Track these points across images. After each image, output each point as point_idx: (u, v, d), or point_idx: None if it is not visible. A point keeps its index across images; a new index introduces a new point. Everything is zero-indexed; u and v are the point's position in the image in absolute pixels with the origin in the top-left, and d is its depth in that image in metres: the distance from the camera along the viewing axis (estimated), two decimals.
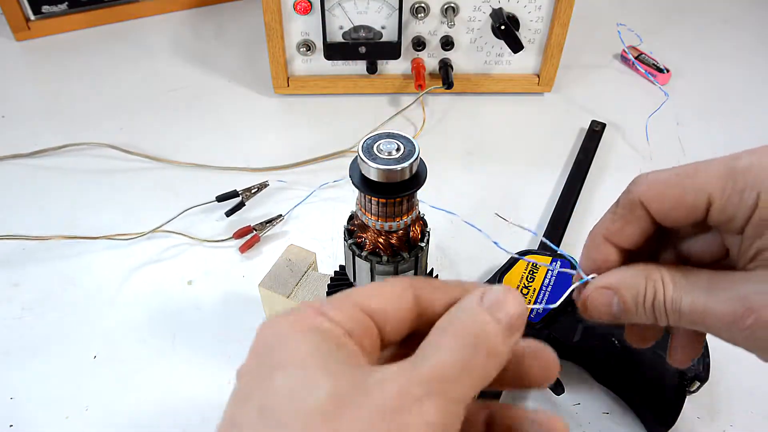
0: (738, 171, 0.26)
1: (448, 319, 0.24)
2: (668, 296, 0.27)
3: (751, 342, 0.25)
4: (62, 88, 0.76)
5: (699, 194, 0.26)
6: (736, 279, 0.25)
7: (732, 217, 0.26)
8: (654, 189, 0.28)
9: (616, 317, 0.29)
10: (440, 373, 0.22)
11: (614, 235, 0.30)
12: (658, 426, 0.43)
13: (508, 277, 0.49)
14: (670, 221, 0.28)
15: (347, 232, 0.34)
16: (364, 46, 0.68)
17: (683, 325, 0.27)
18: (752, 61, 0.82)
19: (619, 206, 0.30)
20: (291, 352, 0.22)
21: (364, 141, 0.30)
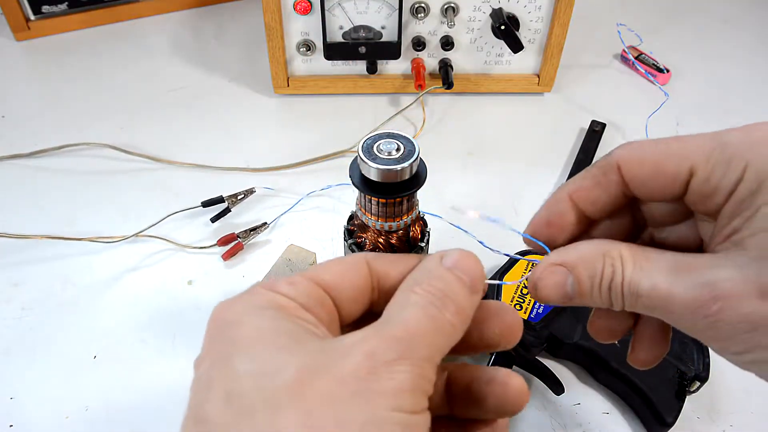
0: (726, 141, 0.24)
1: (413, 279, 0.24)
2: (627, 277, 0.25)
3: (712, 332, 0.23)
4: (62, 88, 0.76)
5: (682, 162, 0.25)
6: (704, 263, 0.23)
7: (714, 189, 0.24)
8: (635, 153, 0.26)
9: (569, 299, 0.27)
10: (409, 333, 0.21)
11: (579, 193, 0.28)
12: (658, 426, 0.43)
13: (508, 277, 0.49)
14: (645, 192, 0.26)
15: (347, 232, 0.34)
16: (364, 46, 0.68)
17: (639, 310, 0.25)
18: (752, 61, 0.82)
19: (594, 167, 0.28)
20: (249, 332, 0.22)
21: (364, 141, 0.30)
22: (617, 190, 0.27)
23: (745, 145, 0.23)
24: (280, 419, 0.19)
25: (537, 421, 0.46)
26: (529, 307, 0.47)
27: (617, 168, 0.27)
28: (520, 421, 0.46)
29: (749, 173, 0.23)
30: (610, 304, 0.26)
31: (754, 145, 0.23)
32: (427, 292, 0.23)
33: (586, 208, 0.28)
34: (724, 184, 0.24)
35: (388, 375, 0.20)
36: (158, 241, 0.57)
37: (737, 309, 0.22)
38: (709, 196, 0.24)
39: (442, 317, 0.22)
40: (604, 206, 0.28)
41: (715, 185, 0.24)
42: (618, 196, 0.27)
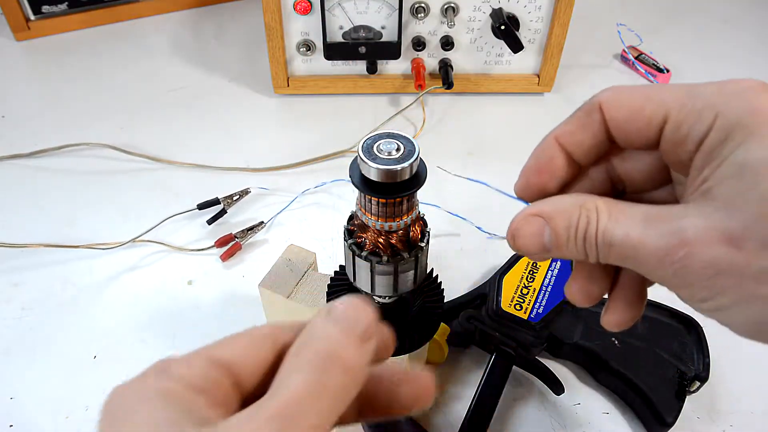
0: (700, 92, 0.24)
1: (297, 345, 0.23)
2: (601, 226, 0.25)
3: (679, 278, 0.23)
4: (62, 88, 0.76)
5: (658, 107, 0.25)
6: (673, 212, 0.24)
7: (685, 138, 0.24)
8: (616, 95, 0.27)
9: (546, 249, 0.27)
10: (289, 406, 0.20)
11: (565, 136, 0.28)
12: (658, 426, 0.43)
13: (509, 277, 0.49)
14: (623, 134, 0.27)
15: (347, 232, 0.34)
16: (364, 46, 0.68)
17: (612, 261, 0.25)
18: (752, 61, 0.82)
19: (578, 109, 0.28)
20: (133, 426, 0.22)
21: (364, 141, 0.30)
22: (600, 131, 0.28)
23: (717, 96, 0.24)
24: None
25: (537, 421, 0.46)
26: (529, 307, 0.47)
27: (599, 108, 0.27)
28: (520, 421, 0.46)
29: (718, 123, 0.23)
30: (585, 255, 0.26)
31: (725, 97, 0.24)
32: (310, 354, 0.22)
33: (573, 151, 0.29)
34: (694, 132, 0.24)
35: None
36: (156, 245, 0.57)
37: (702, 255, 0.22)
38: (681, 144, 0.25)
39: (327, 380, 0.22)
40: (590, 148, 0.28)
41: (686, 133, 0.24)
42: (601, 138, 0.28)
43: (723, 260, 0.22)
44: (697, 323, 0.47)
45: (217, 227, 0.59)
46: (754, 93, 0.23)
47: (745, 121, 0.23)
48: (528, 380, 0.48)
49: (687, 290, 0.24)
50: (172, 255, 0.57)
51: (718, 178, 0.23)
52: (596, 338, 0.47)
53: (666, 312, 0.48)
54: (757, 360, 0.49)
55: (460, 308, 0.49)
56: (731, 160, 0.22)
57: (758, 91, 0.23)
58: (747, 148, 0.22)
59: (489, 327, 0.46)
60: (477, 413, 0.43)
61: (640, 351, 0.46)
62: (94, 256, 0.56)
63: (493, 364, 0.46)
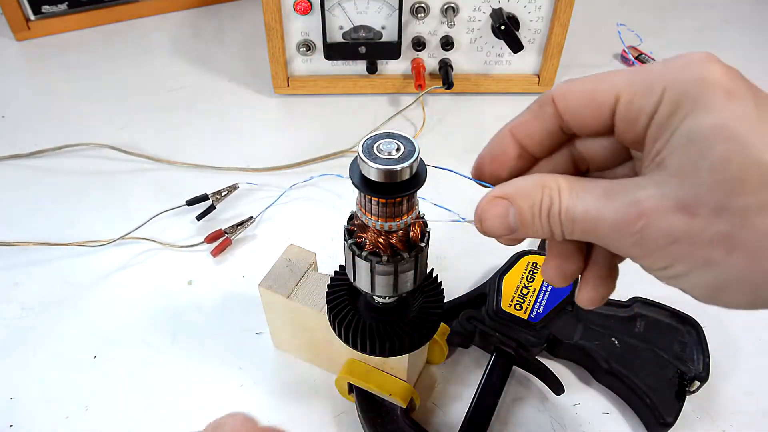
0: (648, 69, 0.25)
1: None
2: (564, 204, 0.26)
3: (639, 248, 0.24)
4: (62, 88, 0.76)
5: (608, 89, 0.26)
6: (631, 185, 0.24)
7: (637, 113, 0.25)
8: (568, 86, 0.28)
9: (512, 230, 0.28)
10: None
11: (518, 127, 0.29)
12: (658, 426, 0.43)
13: (509, 277, 0.49)
14: (578, 122, 0.28)
15: (347, 232, 0.34)
16: (364, 46, 0.68)
17: (576, 236, 0.26)
18: (752, 61, 0.82)
19: (533, 102, 0.29)
20: None
21: (364, 141, 0.30)
22: (553, 123, 0.28)
23: (665, 70, 0.25)
24: None
25: (537, 421, 0.46)
26: (529, 307, 0.47)
27: (552, 101, 0.28)
28: (520, 420, 0.46)
29: (667, 96, 0.24)
30: (551, 233, 0.27)
31: (672, 70, 0.24)
32: None
33: (526, 142, 0.29)
34: (645, 107, 0.25)
35: None
36: (146, 242, 0.58)
37: (658, 224, 0.23)
38: (634, 121, 0.25)
39: None
40: (542, 140, 0.29)
41: (637, 109, 0.25)
42: (555, 130, 0.29)
43: (678, 228, 0.23)
44: (697, 323, 0.47)
45: (206, 223, 0.59)
46: (700, 63, 0.24)
47: (692, 91, 0.23)
48: (528, 380, 0.48)
49: (647, 260, 0.25)
50: (162, 252, 0.57)
51: (670, 150, 0.23)
52: (596, 338, 0.47)
53: (666, 312, 0.48)
54: (757, 360, 0.49)
55: (460, 308, 0.49)
56: (681, 130, 0.23)
57: (704, 62, 0.24)
58: (695, 117, 0.23)
59: (489, 327, 0.46)
60: (477, 413, 0.43)
61: (640, 351, 0.46)
62: (88, 253, 0.56)
63: (493, 364, 0.46)
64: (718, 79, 0.23)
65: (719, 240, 0.22)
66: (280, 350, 0.50)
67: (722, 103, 0.22)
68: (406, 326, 0.37)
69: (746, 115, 0.22)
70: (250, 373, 0.48)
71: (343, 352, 0.43)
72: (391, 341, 0.36)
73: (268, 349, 0.50)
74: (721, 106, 0.22)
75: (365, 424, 0.44)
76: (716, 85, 0.23)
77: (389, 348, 0.37)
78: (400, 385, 0.43)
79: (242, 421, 0.25)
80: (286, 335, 0.48)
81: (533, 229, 0.27)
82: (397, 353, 0.37)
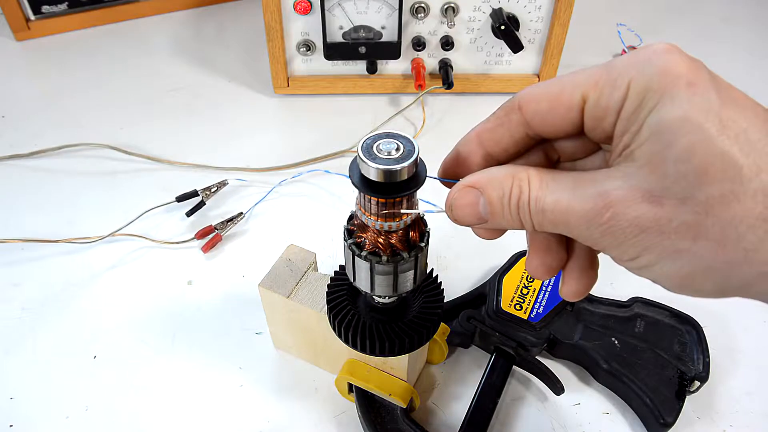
0: (612, 65, 0.25)
1: None
2: (533, 195, 0.26)
3: (608, 239, 0.24)
4: (62, 88, 0.76)
5: (574, 89, 0.26)
6: (600, 176, 0.25)
7: (605, 110, 0.25)
8: (533, 91, 0.28)
9: (482, 219, 0.28)
10: None
11: (484, 133, 0.30)
12: (658, 426, 0.43)
13: (509, 276, 0.49)
14: (546, 126, 0.28)
15: (347, 232, 0.34)
16: (364, 46, 0.68)
17: (547, 228, 0.26)
18: (752, 61, 0.82)
19: (499, 108, 0.30)
20: None
21: (363, 141, 0.30)
22: (519, 130, 0.29)
23: (628, 64, 0.25)
24: None
25: (537, 421, 0.46)
26: (529, 307, 0.47)
27: (518, 108, 0.28)
28: (520, 421, 0.46)
29: (632, 89, 0.24)
30: (521, 223, 0.27)
31: (636, 64, 0.24)
32: None
33: (491, 148, 0.30)
34: (611, 103, 0.25)
35: None
36: (137, 238, 0.58)
37: (626, 214, 0.23)
38: (602, 118, 0.26)
39: None
40: (508, 146, 0.29)
41: (604, 106, 0.25)
42: (521, 136, 0.29)
43: (646, 218, 0.23)
44: (697, 323, 0.47)
45: (197, 219, 0.60)
46: (663, 55, 0.24)
47: (656, 84, 0.23)
48: (528, 380, 0.48)
49: (617, 250, 0.25)
50: (153, 249, 0.57)
51: (637, 142, 0.24)
52: (596, 338, 0.47)
53: (666, 312, 0.48)
54: (757, 360, 0.49)
55: (460, 308, 0.49)
56: (648, 122, 0.23)
57: (666, 53, 0.24)
58: (660, 109, 0.23)
59: (489, 327, 0.46)
60: (477, 413, 0.43)
61: (640, 351, 0.46)
62: (78, 250, 0.57)
63: (493, 364, 0.46)
64: (680, 71, 0.23)
65: (685, 229, 0.22)
66: (280, 350, 0.50)
67: (685, 95, 0.23)
68: (406, 326, 0.37)
69: (708, 107, 0.22)
70: (250, 373, 0.48)
71: (343, 352, 0.43)
72: (391, 341, 0.36)
73: (268, 349, 0.50)
74: (684, 99, 0.23)
75: (365, 424, 0.44)
76: (679, 77, 0.23)
77: (389, 348, 0.37)
78: (400, 385, 0.43)
79: None
80: (286, 335, 0.48)
81: (503, 219, 0.28)
82: (397, 353, 0.37)
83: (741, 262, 0.22)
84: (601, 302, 0.49)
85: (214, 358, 0.49)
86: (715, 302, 0.27)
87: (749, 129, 0.22)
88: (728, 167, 0.22)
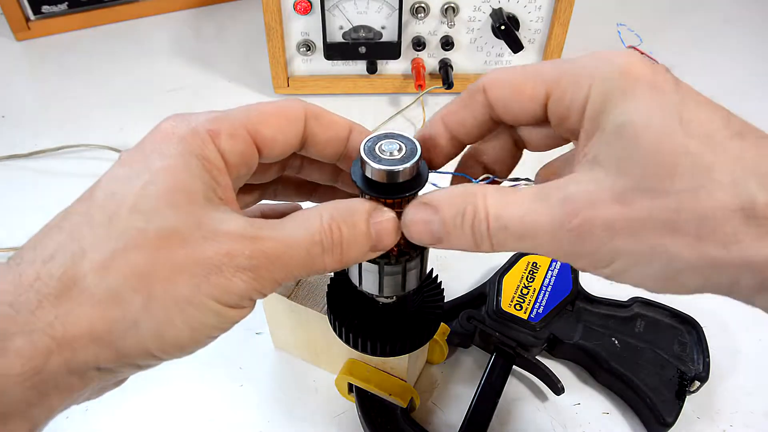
0: (576, 64, 0.25)
1: (331, 208, 0.26)
2: (492, 212, 0.25)
3: (578, 247, 0.23)
4: (62, 88, 0.76)
5: (538, 84, 0.26)
6: (563, 183, 0.24)
7: (567, 110, 0.25)
8: (498, 76, 0.28)
9: (437, 239, 0.27)
10: (277, 255, 0.24)
11: (449, 116, 0.30)
12: (658, 426, 0.43)
13: (509, 277, 0.49)
14: (508, 113, 0.28)
15: None
16: (364, 46, 0.68)
17: (509, 246, 0.25)
18: (752, 61, 0.82)
19: (464, 91, 0.29)
20: (162, 176, 0.24)
21: (365, 141, 0.30)
22: (483, 113, 0.29)
23: (590, 66, 0.25)
24: (120, 244, 0.23)
25: (537, 421, 0.46)
26: (529, 307, 0.47)
27: (483, 91, 0.28)
28: (520, 421, 0.46)
29: (594, 91, 0.24)
30: (476, 244, 0.26)
31: (597, 65, 0.24)
32: (329, 230, 0.25)
33: (456, 130, 0.30)
34: (574, 104, 0.25)
35: (229, 275, 0.23)
36: None
37: (597, 219, 0.23)
38: (565, 117, 0.26)
39: (321, 259, 0.25)
40: (472, 129, 0.29)
41: (567, 106, 0.25)
42: (485, 118, 0.29)
43: (618, 220, 0.22)
44: (697, 323, 0.47)
45: None
46: (622, 57, 0.24)
47: (617, 85, 0.23)
48: (528, 380, 0.48)
49: (588, 259, 0.24)
50: None
51: (601, 144, 0.23)
52: (596, 338, 0.47)
53: (666, 312, 0.48)
54: (757, 360, 0.49)
55: (460, 308, 0.49)
56: (611, 124, 0.23)
57: (626, 54, 0.24)
58: (623, 111, 0.23)
59: (489, 327, 0.46)
60: (477, 413, 0.43)
61: (640, 351, 0.46)
62: None
63: (493, 364, 0.46)
64: (641, 72, 0.23)
65: (660, 227, 0.22)
66: (280, 350, 0.50)
67: (648, 95, 0.23)
68: (406, 326, 0.37)
69: (670, 107, 0.22)
70: (250, 372, 0.48)
71: (343, 352, 0.43)
72: (391, 341, 0.36)
73: (268, 349, 0.50)
74: (646, 100, 0.23)
75: (365, 424, 0.44)
76: (640, 78, 0.23)
77: (389, 348, 0.37)
78: (400, 385, 0.43)
79: (393, 228, 0.28)
80: (286, 335, 0.48)
81: (458, 240, 0.26)
82: (397, 353, 0.37)
83: (722, 256, 0.21)
84: (601, 302, 0.49)
85: (214, 358, 0.49)
86: (716, 302, 0.26)
87: (711, 127, 0.22)
88: (696, 162, 0.21)
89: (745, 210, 0.21)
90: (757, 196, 0.21)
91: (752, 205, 0.21)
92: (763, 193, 0.21)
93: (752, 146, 0.22)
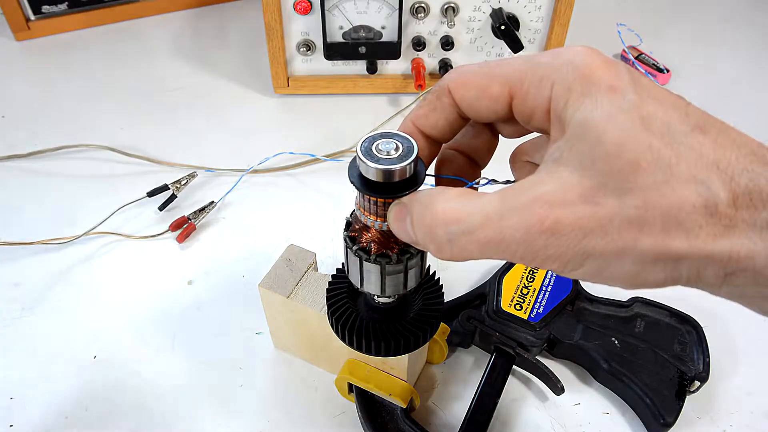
0: (537, 63, 0.25)
1: None
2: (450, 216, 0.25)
3: (551, 250, 0.23)
4: (62, 89, 0.76)
5: (502, 84, 0.26)
6: (529, 185, 0.24)
7: (532, 110, 0.25)
8: (461, 76, 0.28)
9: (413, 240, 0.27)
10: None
11: (419, 119, 0.30)
12: (658, 426, 0.43)
13: (508, 277, 0.49)
14: (475, 112, 0.28)
15: (349, 240, 0.33)
16: (364, 46, 0.68)
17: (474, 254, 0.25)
18: (752, 61, 0.82)
19: (430, 93, 0.30)
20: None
21: (362, 141, 0.30)
22: (452, 112, 0.29)
23: (551, 66, 0.25)
24: None
25: (537, 421, 0.46)
26: (529, 307, 0.47)
27: (448, 91, 0.28)
28: (520, 421, 0.46)
29: (555, 92, 0.24)
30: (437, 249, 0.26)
31: (561, 65, 0.24)
32: None
33: (429, 132, 0.30)
34: (538, 104, 0.25)
35: None
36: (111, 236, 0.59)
37: (567, 219, 0.22)
38: (531, 117, 0.26)
39: None
40: (444, 129, 0.30)
41: (531, 106, 0.25)
42: (455, 117, 0.29)
43: (587, 220, 0.22)
44: (697, 323, 0.47)
45: (168, 213, 0.61)
46: (582, 57, 0.24)
47: (577, 85, 0.23)
48: (528, 380, 0.48)
49: (560, 260, 0.23)
50: (154, 248, 0.58)
51: (567, 143, 0.23)
52: (596, 338, 0.47)
53: (666, 312, 0.48)
54: (757, 360, 0.49)
55: (460, 308, 0.49)
56: (574, 123, 0.23)
57: (585, 54, 0.24)
58: (584, 110, 0.23)
59: (489, 327, 0.46)
60: (477, 413, 0.43)
61: (640, 351, 0.46)
62: (94, 250, 0.56)
63: (493, 364, 0.46)
64: (599, 73, 0.23)
65: (628, 225, 0.22)
66: (280, 350, 0.50)
67: (606, 97, 0.23)
68: (406, 326, 0.37)
69: (629, 106, 0.23)
70: (250, 373, 0.48)
71: (343, 352, 0.43)
72: (391, 341, 0.36)
73: (268, 348, 0.50)
74: (605, 101, 0.23)
75: (365, 424, 0.44)
76: (600, 80, 0.23)
77: (389, 348, 0.37)
78: (400, 385, 0.43)
79: None
80: (286, 335, 0.48)
81: (424, 243, 0.26)
82: (397, 353, 0.37)
83: (686, 249, 0.22)
84: (601, 302, 0.49)
85: (214, 358, 0.49)
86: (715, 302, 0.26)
87: (670, 122, 0.23)
88: (657, 158, 0.22)
89: (708, 207, 0.21)
90: (719, 194, 0.21)
91: (714, 201, 0.21)
92: (723, 190, 0.21)
93: (711, 141, 0.22)
